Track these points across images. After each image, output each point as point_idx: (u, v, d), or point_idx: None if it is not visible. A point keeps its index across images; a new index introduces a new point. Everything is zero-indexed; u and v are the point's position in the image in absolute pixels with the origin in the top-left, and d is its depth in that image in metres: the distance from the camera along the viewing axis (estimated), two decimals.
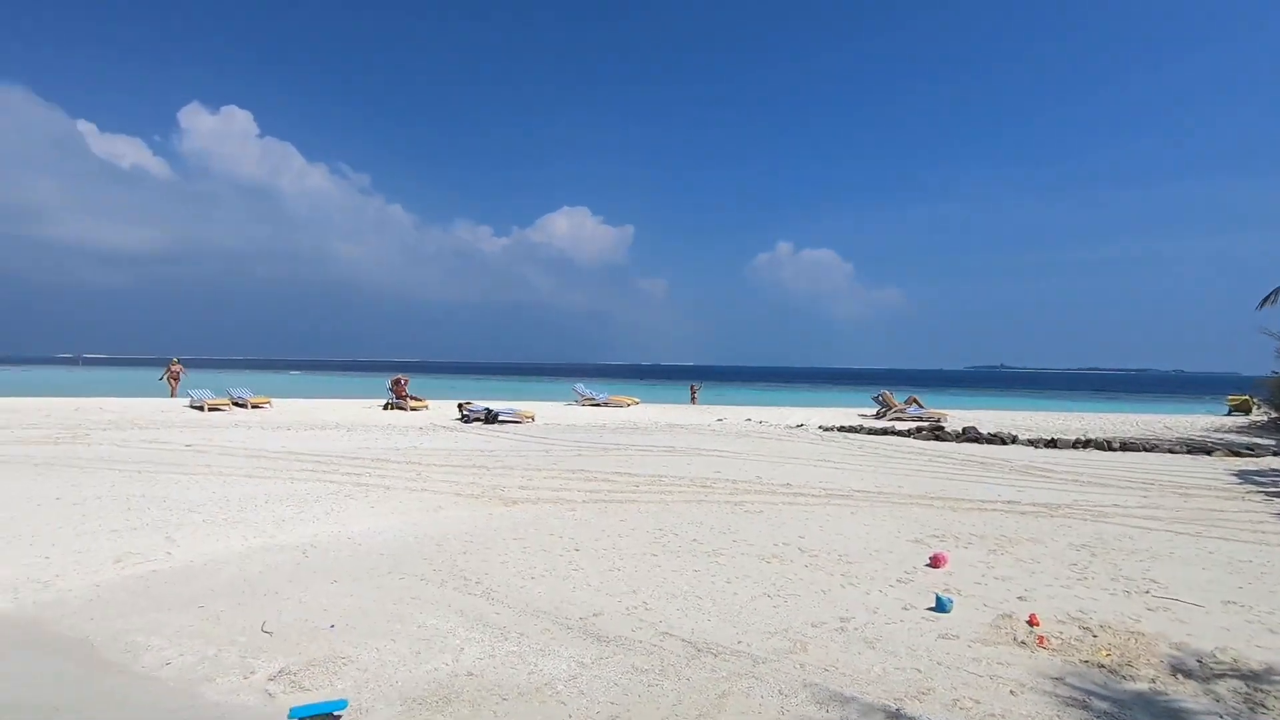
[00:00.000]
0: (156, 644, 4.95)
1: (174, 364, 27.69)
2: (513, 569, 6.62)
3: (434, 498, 9.68)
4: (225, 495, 9.44)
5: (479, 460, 12.92)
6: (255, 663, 4.64)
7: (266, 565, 6.70)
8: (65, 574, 6.31)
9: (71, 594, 5.90)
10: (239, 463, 11.95)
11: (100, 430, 15.87)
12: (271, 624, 5.27)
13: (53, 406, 21.89)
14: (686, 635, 5.09)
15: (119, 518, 8.18)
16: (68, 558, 6.74)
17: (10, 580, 6.12)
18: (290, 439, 15.04)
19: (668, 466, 12.69)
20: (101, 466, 11.29)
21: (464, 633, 5.11)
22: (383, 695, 4.17)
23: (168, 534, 7.57)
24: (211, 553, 7.02)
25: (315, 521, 8.28)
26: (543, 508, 9.26)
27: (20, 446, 13.27)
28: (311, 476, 10.90)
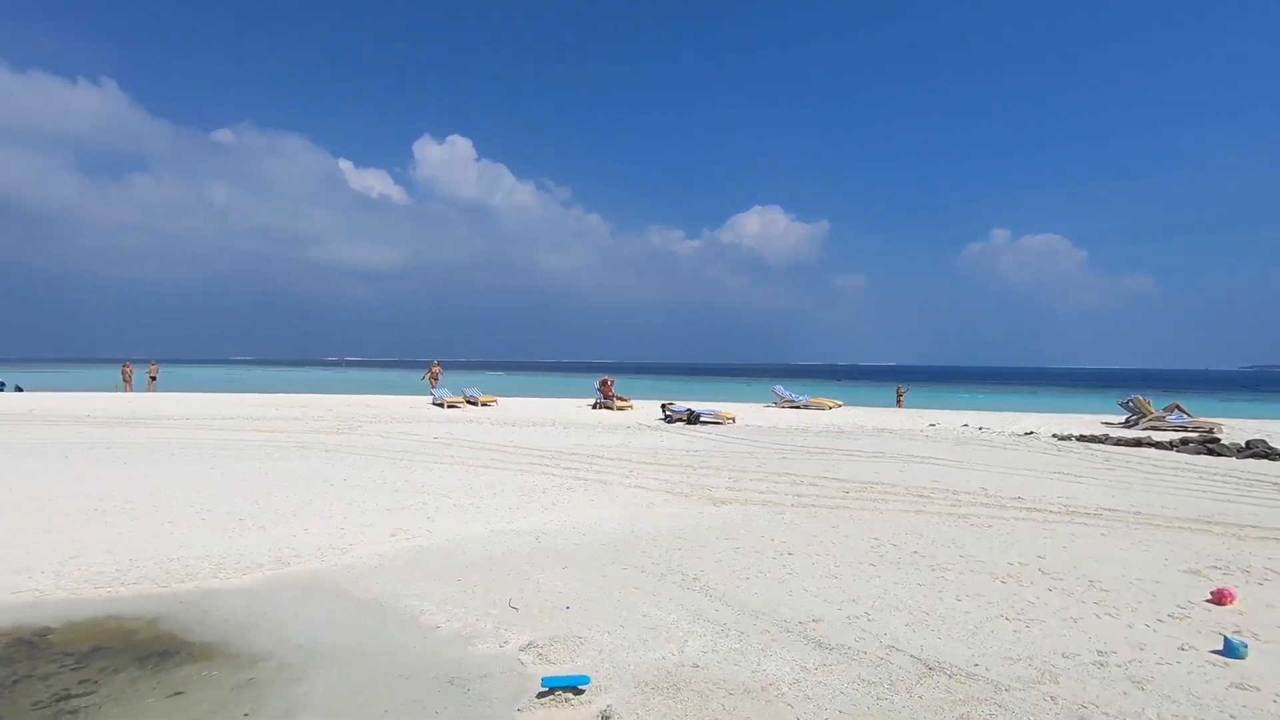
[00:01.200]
0: (429, 608, 5.77)
1: (435, 366, 31.17)
2: (727, 568, 6.76)
3: (646, 494, 10.17)
4: (469, 483, 10.70)
5: (685, 460, 13.32)
6: (507, 634, 5.23)
7: (507, 548, 7.49)
8: (356, 543, 7.57)
9: (361, 560, 7.06)
10: (476, 455, 13.46)
11: (368, 423, 18.76)
12: (517, 600, 5.90)
13: (330, 403, 26.25)
14: (915, 651, 4.86)
15: (390, 498, 9.63)
16: (356, 530, 8.07)
17: (317, 545, 7.47)
18: (516, 435, 16.63)
19: (878, 473, 12.13)
20: (372, 454, 13.35)
21: (686, 625, 5.33)
22: (617, 676, 4.50)
23: (428, 515, 8.76)
24: (462, 534, 8.01)
25: (543, 511, 9.09)
26: (751, 509, 9.32)
27: (313, 435, 16.11)
28: (536, 469, 11.97)
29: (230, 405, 24.40)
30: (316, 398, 29.19)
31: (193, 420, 19.12)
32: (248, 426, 17.85)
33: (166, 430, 16.95)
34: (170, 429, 17.21)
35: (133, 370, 40.61)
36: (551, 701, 4.15)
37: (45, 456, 12.78)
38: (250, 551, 7.22)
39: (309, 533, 7.92)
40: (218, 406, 23.76)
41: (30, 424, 18.01)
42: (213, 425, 18.01)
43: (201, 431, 16.69)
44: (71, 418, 19.66)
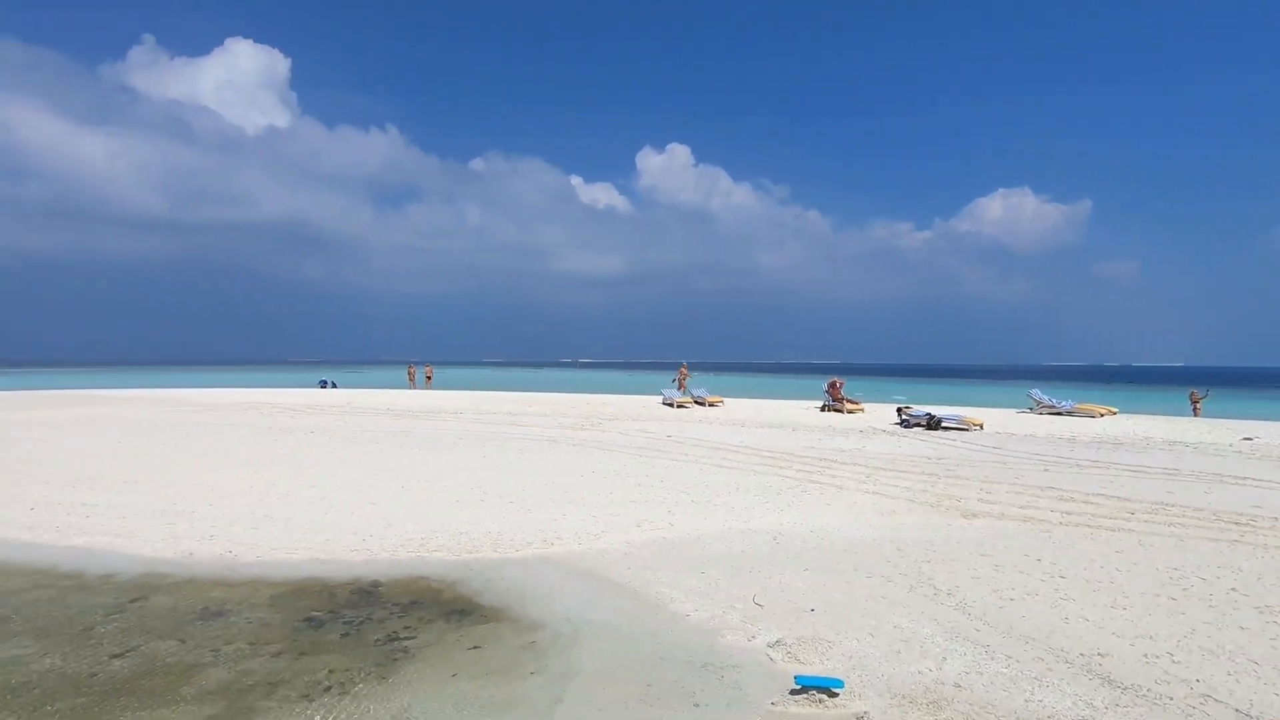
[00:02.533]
0: (677, 597, 6.11)
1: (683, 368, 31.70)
2: (986, 586, 6.24)
3: (887, 501, 9.71)
4: (704, 480, 11.08)
5: (927, 467, 12.47)
6: (754, 629, 5.36)
7: (745, 546, 7.64)
8: (607, 531, 8.23)
9: (612, 547, 7.67)
10: (709, 454, 13.87)
11: (608, 421, 20.22)
12: (760, 598, 6.01)
13: (573, 401, 28.67)
14: (1242, 706, 4.10)
15: (634, 491, 10.31)
16: (605, 518, 8.77)
17: (574, 531, 8.25)
18: (745, 435, 16.83)
19: (1173, 493, 10.31)
20: (614, 450, 14.37)
21: (943, 642, 5.03)
22: (871, 684, 4.40)
23: (668, 509, 9.24)
24: (701, 529, 8.32)
25: (779, 512, 9.11)
26: (1009, 524, 8.48)
27: (561, 431, 17.77)
28: (768, 470, 12.01)
29: (490, 402, 27.76)
30: (560, 396, 32.09)
31: (464, 415, 22.10)
32: (506, 421, 20.20)
33: (445, 423, 19.78)
34: (447, 422, 20.06)
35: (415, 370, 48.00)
36: (806, 700, 4.19)
37: (362, 442, 15.63)
38: (521, 531, 8.20)
39: (566, 518, 8.78)
40: (480, 403, 27.16)
41: (348, 415, 22.13)
42: (479, 420, 20.65)
43: (472, 425, 19.23)
44: (376, 410, 23.79)
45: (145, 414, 22.44)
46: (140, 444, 15.37)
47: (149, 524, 8.60)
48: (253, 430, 17.98)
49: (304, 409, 24.39)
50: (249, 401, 28.48)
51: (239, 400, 29.30)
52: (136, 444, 15.38)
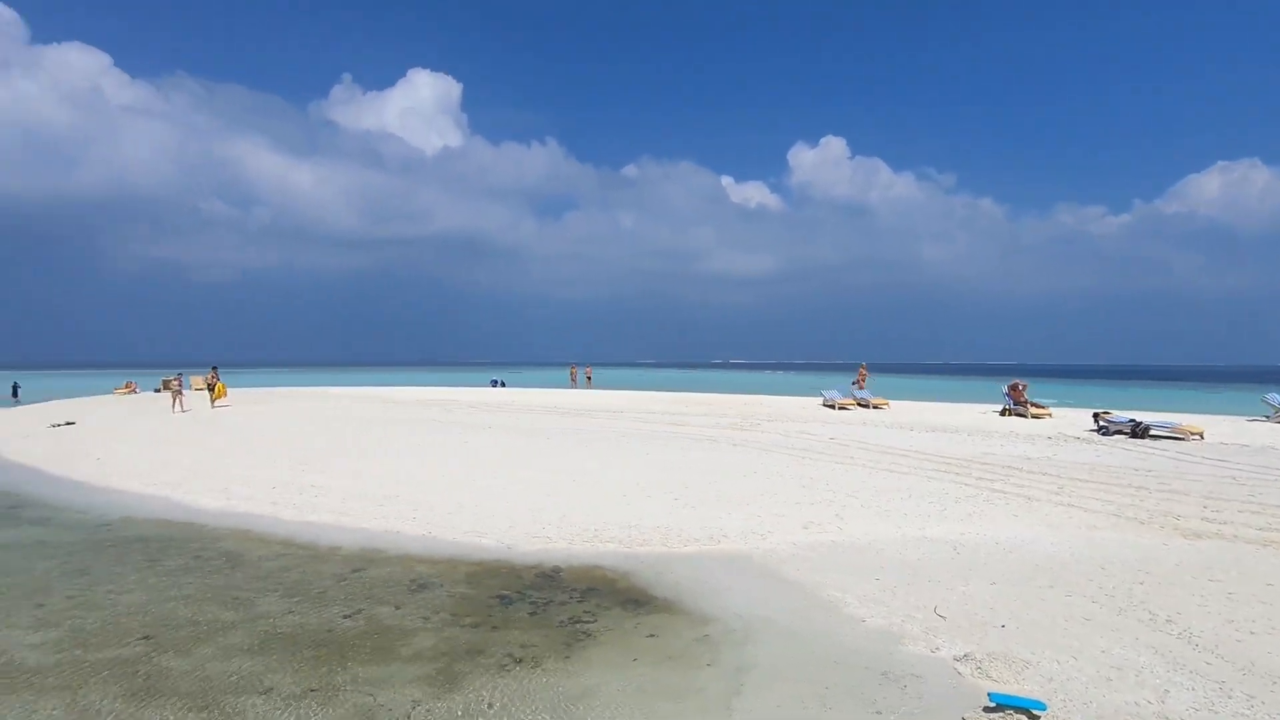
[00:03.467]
0: (851, 601, 5.96)
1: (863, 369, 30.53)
2: (1217, 615, 5.48)
3: (1085, 515, 8.80)
4: (873, 485, 10.66)
5: (1133, 479, 11.11)
6: (937, 640, 5.11)
7: (922, 554, 7.27)
8: (773, 531, 8.19)
9: (779, 547, 7.62)
10: (876, 457, 13.31)
11: (766, 422, 20.02)
12: (943, 609, 5.70)
13: (729, 402, 28.69)
14: None
15: (798, 492, 10.15)
16: (770, 518, 8.72)
17: (740, 529, 8.28)
18: (915, 439, 15.94)
19: None
20: (775, 451, 14.22)
21: (1163, 673, 4.50)
22: (1078, 710, 4.04)
23: (836, 512, 9.01)
24: (873, 534, 8.02)
25: (958, 521, 8.56)
26: (1242, 548, 7.36)
27: (719, 430, 17.87)
28: (944, 477, 11.30)
29: (648, 402, 28.47)
30: (716, 397, 32.23)
31: (625, 414, 22.86)
32: (665, 421, 20.63)
33: (607, 422, 20.59)
34: (609, 421, 20.87)
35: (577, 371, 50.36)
36: (1002, 719, 3.94)
37: (533, 438, 16.69)
38: (687, 528, 8.38)
39: (730, 517, 8.84)
40: (638, 403, 27.95)
41: (518, 412, 23.71)
42: (639, 419, 21.27)
43: (633, 424, 19.86)
44: (543, 409, 25.26)
45: (348, 408, 25.45)
46: (347, 434, 17.49)
47: (360, 505, 9.79)
48: (437, 424, 19.81)
49: (479, 406, 26.45)
50: (430, 399, 31.35)
51: (422, 397, 32.34)
52: (344, 435, 17.51)
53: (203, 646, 5.28)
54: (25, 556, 7.81)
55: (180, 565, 7.42)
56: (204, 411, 23.94)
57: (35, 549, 8.11)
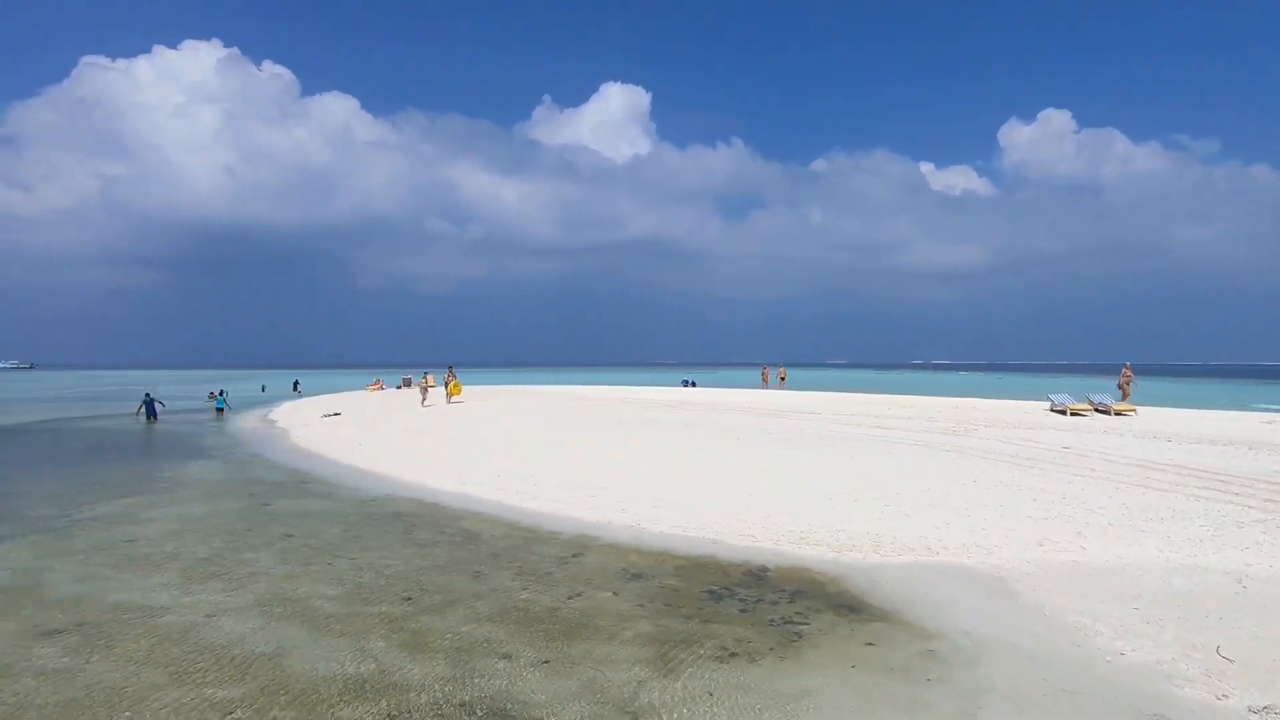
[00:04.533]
0: (1103, 630, 5.27)
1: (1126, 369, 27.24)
2: None
3: None
4: (1121, 502, 9.31)
5: None
6: (1224, 686, 4.35)
7: (1194, 584, 6.23)
8: (1000, 546, 7.48)
9: (1009, 564, 6.93)
10: (1123, 471, 11.62)
11: (983, 427, 18.31)
12: (1228, 650, 4.84)
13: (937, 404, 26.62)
14: None
15: (1028, 505, 9.17)
16: (997, 532, 7.97)
17: (961, 541, 7.67)
18: (1174, 451, 13.66)
19: None
20: (995, 458, 12.97)
21: None
22: None
23: (1076, 529, 8.01)
24: (1126, 557, 7.02)
25: (1241, 549, 7.21)
26: None
27: (928, 435, 16.66)
28: (1217, 497, 9.57)
29: (846, 403, 27.32)
30: (922, 399, 30.10)
31: (821, 415, 22.17)
32: (867, 423, 19.67)
33: (804, 422, 20.10)
34: (806, 421, 20.35)
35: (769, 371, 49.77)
36: None
37: (730, 437, 16.78)
38: (900, 535, 7.93)
39: (949, 526, 8.22)
40: (835, 404, 26.91)
41: (713, 412, 23.96)
42: (838, 420, 20.50)
43: (831, 425, 19.19)
44: (738, 408, 25.29)
45: (555, 406, 27.38)
46: (558, 430, 18.84)
47: (573, 496, 10.50)
48: (638, 422, 20.63)
49: (674, 405, 27.13)
50: (628, 397, 32.72)
51: (620, 396, 33.86)
52: (555, 430, 18.88)
53: (453, 611, 5.99)
54: (318, 522, 9.40)
55: (429, 539, 8.47)
56: (442, 406, 27.08)
57: (323, 517, 9.72)
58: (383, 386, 46.23)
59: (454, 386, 28.83)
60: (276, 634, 5.52)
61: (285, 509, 10.32)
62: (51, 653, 5.15)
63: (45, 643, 5.34)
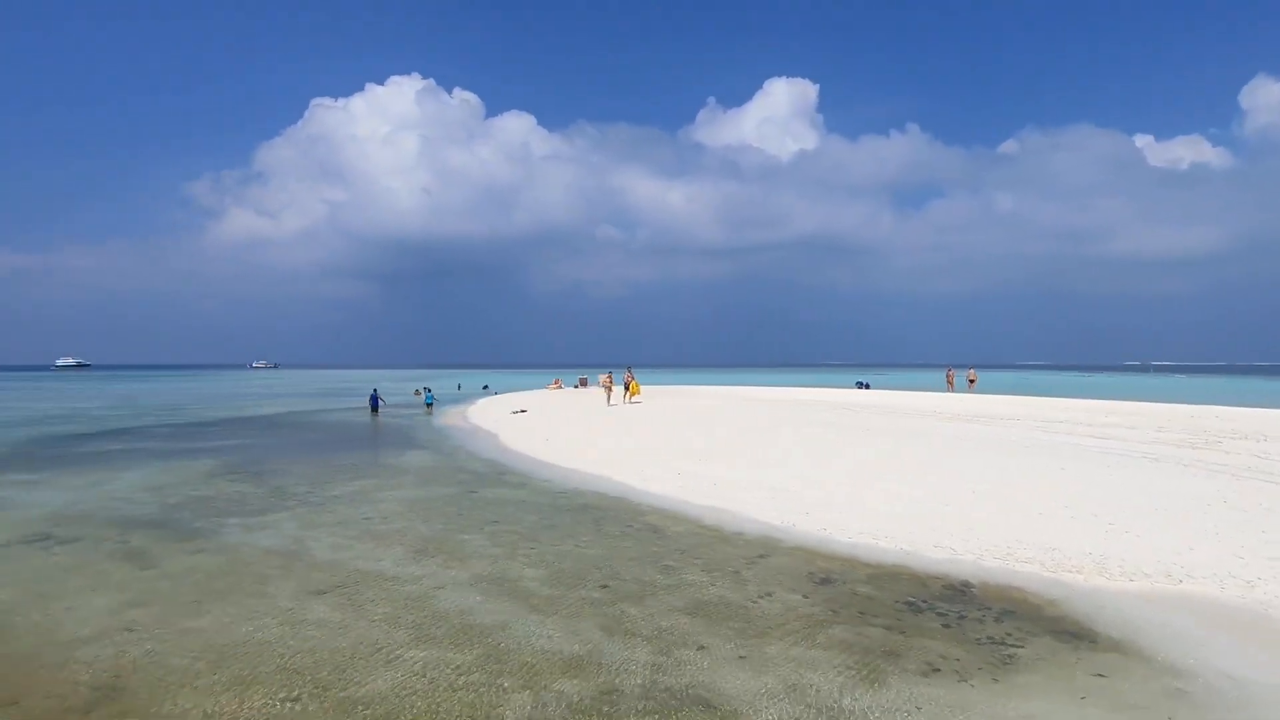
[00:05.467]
0: None
1: None
2: None
3: None
4: None
5: None
6: None
7: None
8: (1265, 579, 6.41)
9: (1276, 601, 5.93)
10: None
11: (1229, 439, 15.72)
12: None
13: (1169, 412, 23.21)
14: None
15: None
16: (1259, 563, 6.83)
17: (1213, 570, 6.67)
18: None
19: None
20: (1252, 476, 11.09)
21: None
22: None
23: None
24: None
25: None
26: None
27: (1160, 447, 14.61)
28: None
29: (1051, 409, 24.68)
30: (1144, 405, 26.42)
31: (1022, 421, 20.23)
32: (1078, 430, 17.66)
33: (1002, 429, 18.48)
34: (1004, 428, 18.69)
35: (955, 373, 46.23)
36: None
37: (914, 442, 15.85)
38: (1130, 557, 7.07)
39: (1193, 551, 7.19)
40: (1038, 409, 24.40)
41: (893, 415, 22.74)
42: (1042, 427, 18.59)
43: (1034, 432, 17.47)
44: (920, 412, 23.80)
45: (726, 407, 27.45)
46: (734, 431, 18.89)
47: (755, 495, 10.50)
48: (813, 424, 20.14)
49: (850, 408, 26.11)
50: (799, 399, 31.99)
51: (792, 397, 33.19)
52: (731, 430, 18.96)
53: (649, 601, 6.27)
54: (517, 510, 10.24)
55: (619, 531, 8.90)
56: (622, 405, 28.24)
57: (521, 506, 10.57)
58: (561, 386, 49.06)
59: (634, 387, 29.88)
60: (495, 608, 6.12)
61: (488, 497, 11.35)
62: (323, 609, 6.11)
63: (318, 600, 6.34)
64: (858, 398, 33.73)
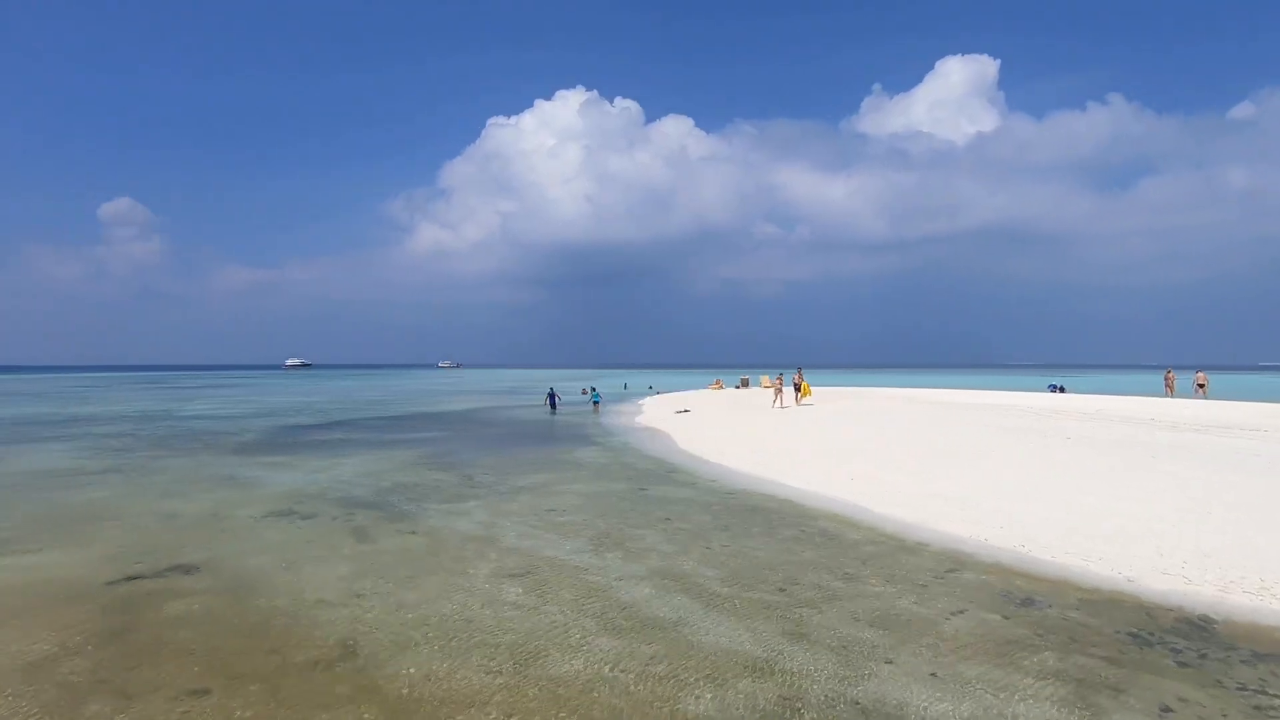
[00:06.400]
0: None
1: None
2: None
3: None
4: None
5: None
6: None
7: None
8: None
9: None
10: None
11: None
12: None
13: None
14: None
15: None
16: None
17: None
18: None
19: None
20: None
21: None
22: None
23: None
24: None
25: None
26: None
27: None
28: None
29: None
30: None
31: (1269, 432, 17.17)
32: None
33: (1246, 441, 15.81)
34: (1250, 440, 15.97)
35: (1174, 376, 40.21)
36: None
37: (1128, 453, 13.98)
38: None
39: None
40: None
41: (1101, 422, 20.22)
42: None
43: None
44: (1134, 420, 20.95)
45: (903, 410, 25.91)
46: (913, 435, 17.82)
47: (937, 505, 9.82)
48: (1000, 431, 18.45)
49: (1044, 413, 23.60)
50: (979, 403, 29.45)
51: (969, 401, 30.64)
52: (910, 435, 17.89)
53: (830, 609, 6.09)
54: (688, 509, 10.39)
55: (791, 535, 8.74)
56: (794, 407, 27.69)
57: (691, 505, 10.70)
58: (722, 386, 49.05)
59: (805, 388, 29.19)
60: (673, 603, 6.26)
61: (659, 494, 11.61)
62: (517, 591, 6.60)
63: (511, 583, 6.86)
64: (1053, 402, 30.42)
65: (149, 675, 4.88)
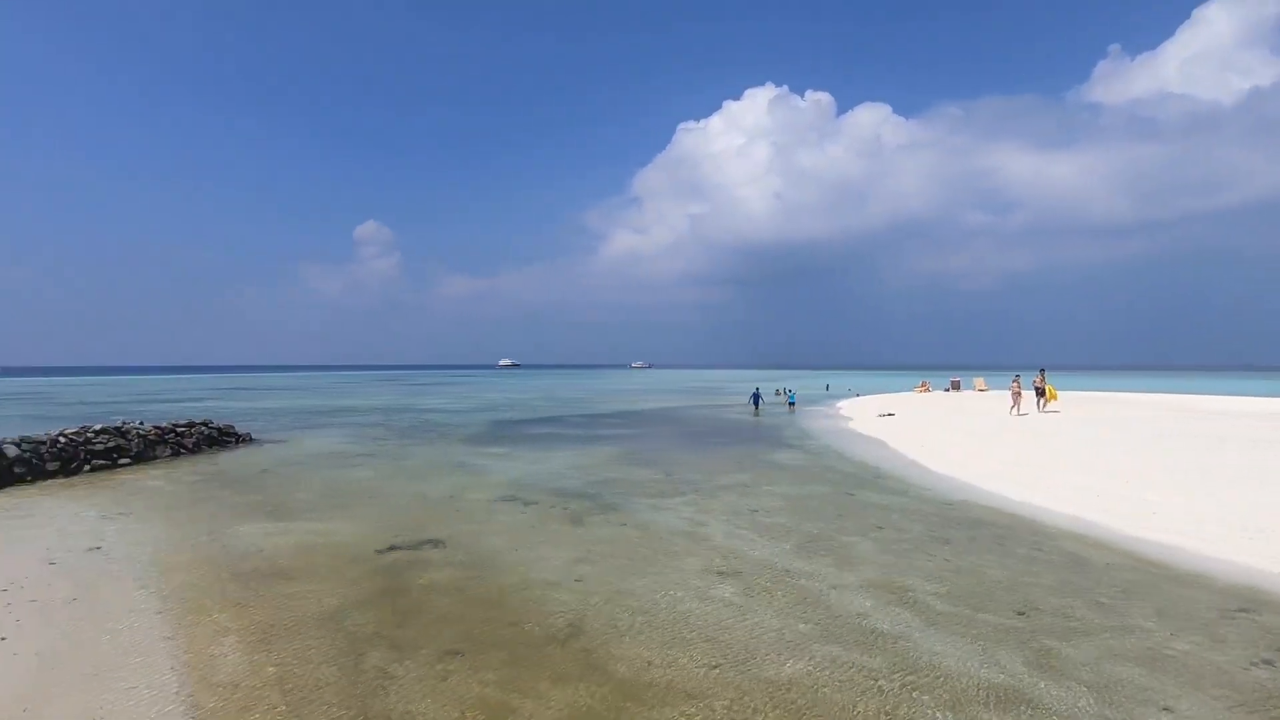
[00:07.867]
0: None
1: None
2: None
3: None
4: None
5: None
6: None
7: None
8: None
9: None
10: None
11: None
12: None
13: None
14: None
15: None
16: None
17: None
18: None
19: None
20: None
21: None
22: None
23: None
24: None
25: None
26: None
27: None
28: None
29: None
30: None
31: None
32: None
33: None
34: None
35: None
36: None
37: None
38: None
39: None
40: None
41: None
42: None
43: None
44: None
45: (1157, 418, 22.29)
46: (1175, 450, 15.26)
47: (1214, 531, 8.29)
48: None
49: None
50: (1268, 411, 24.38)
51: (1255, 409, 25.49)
52: (1172, 450, 15.35)
53: (1083, 641, 5.37)
54: (901, 517, 9.77)
55: (1026, 554, 7.85)
56: (1035, 414, 24.91)
57: (904, 513, 10.05)
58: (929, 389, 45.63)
59: (1050, 392, 25.88)
60: (894, 616, 5.90)
61: (866, 500, 11.05)
62: (728, 590, 6.63)
63: (720, 581, 6.91)
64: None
65: (413, 634, 5.59)
